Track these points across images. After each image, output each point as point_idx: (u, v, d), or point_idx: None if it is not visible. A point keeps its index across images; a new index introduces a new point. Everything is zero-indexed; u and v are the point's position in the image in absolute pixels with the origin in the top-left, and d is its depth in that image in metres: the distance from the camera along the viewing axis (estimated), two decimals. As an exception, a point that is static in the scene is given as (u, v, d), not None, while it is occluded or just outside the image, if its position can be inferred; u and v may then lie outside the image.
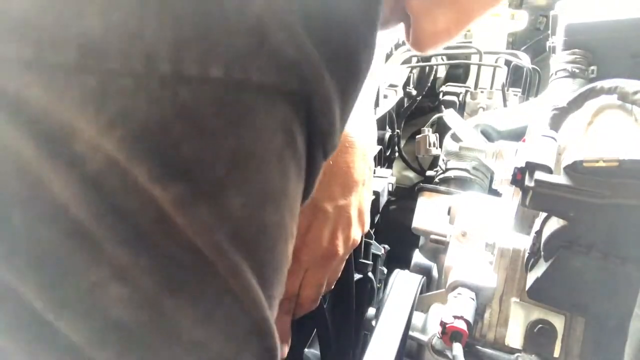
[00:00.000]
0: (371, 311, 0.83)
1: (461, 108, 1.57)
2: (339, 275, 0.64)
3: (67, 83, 0.23)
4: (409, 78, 1.53)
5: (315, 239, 0.57)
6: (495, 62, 1.64)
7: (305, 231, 0.57)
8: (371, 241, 0.84)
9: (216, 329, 0.28)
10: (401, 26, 0.42)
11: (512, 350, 0.69)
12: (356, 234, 0.61)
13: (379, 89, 1.21)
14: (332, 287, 0.64)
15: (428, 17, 0.39)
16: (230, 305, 0.28)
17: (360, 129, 0.61)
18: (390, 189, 1.18)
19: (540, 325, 0.68)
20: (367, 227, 0.65)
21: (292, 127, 0.28)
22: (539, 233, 0.64)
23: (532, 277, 0.67)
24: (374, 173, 1.07)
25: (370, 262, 0.80)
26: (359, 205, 0.61)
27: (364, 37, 0.29)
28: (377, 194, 1.06)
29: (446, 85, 1.68)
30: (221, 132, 0.25)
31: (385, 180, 1.14)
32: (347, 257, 0.63)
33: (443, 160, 1.28)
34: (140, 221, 0.24)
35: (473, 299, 0.69)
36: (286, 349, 0.59)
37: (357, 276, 0.76)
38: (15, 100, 0.23)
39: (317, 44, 0.27)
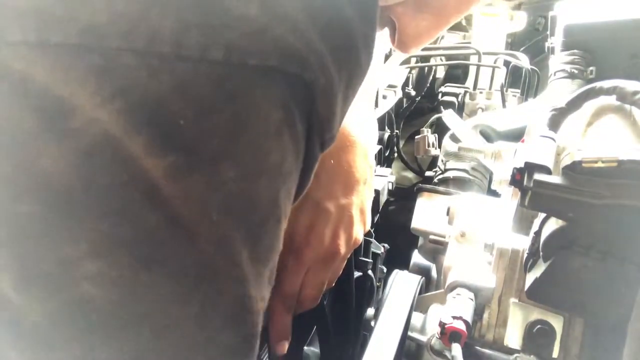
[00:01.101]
0: (370, 311, 0.83)
1: (460, 108, 1.57)
2: (340, 273, 0.64)
3: (71, 60, 0.24)
4: (407, 79, 1.53)
5: (318, 238, 0.58)
6: (494, 62, 1.64)
7: (307, 230, 0.58)
8: (371, 240, 0.85)
9: (192, 310, 0.28)
10: (386, 31, 0.46)
11: (510, 351, 0.69)
12: (358, 233, 0.61)
13: (378, 90, 1.22)
14: (333, 284, 0.64)
15: (411, 21, 0.43)
16: (210, 285, 0.28)
17: (361, 129, 0.61)
18: (390, 187, 1.18)
19: (539, 326, 0.68)
20: (368, 226, 0.65)
21: (291, 106, 0.29)
22: (537, 233, 0.64)
23: (531, 277, 0.67)
24: (375, 172, 1.07)
25: (370, 260, 0.80)
26: (361, 205, 0.61)
27: (365, 34, 0.31)
28: (377, 193, 1.06)
29: (445, 86, 1.69)
30: (218, 106, 0.26)
31: (385, 178, 1.14)
32: (348, 256, 0.63)
33: (442, 160, 1.28)
34: (128, 192, 0.25)
35: (472, 300, 0.69)
36: (286, 346, 0.59)
37: (356, 274, 0.76)
38: (21, 77, 0.24)
39: (323, 36, 0.28)
